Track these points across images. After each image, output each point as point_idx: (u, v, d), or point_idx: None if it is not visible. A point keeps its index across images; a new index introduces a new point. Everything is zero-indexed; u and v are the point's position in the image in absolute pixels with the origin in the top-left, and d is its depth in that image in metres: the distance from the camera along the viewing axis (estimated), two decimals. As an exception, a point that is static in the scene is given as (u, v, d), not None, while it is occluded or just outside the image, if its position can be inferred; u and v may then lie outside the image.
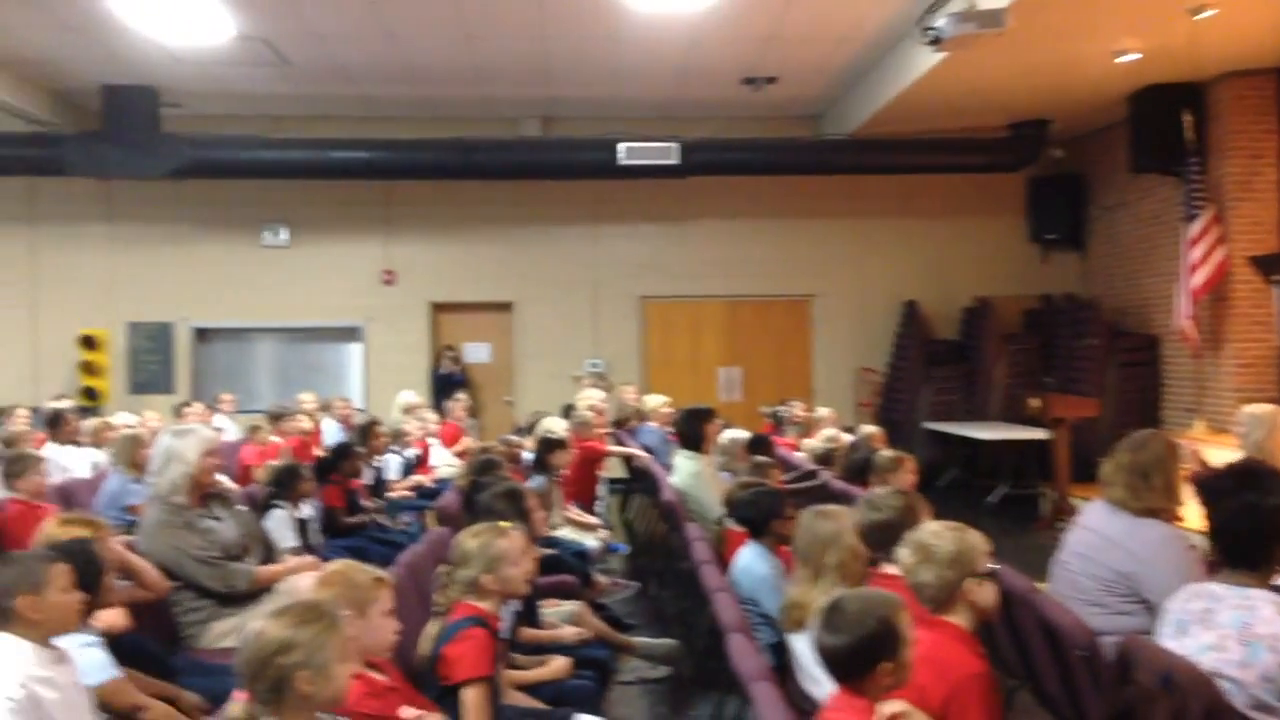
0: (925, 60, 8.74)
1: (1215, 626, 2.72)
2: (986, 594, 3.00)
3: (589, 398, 9.23)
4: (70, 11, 8.58)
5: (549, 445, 6.64)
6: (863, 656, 2.56)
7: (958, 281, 12.53)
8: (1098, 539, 3.82)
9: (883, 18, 8.92)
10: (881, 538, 3.67)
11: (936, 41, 6.95)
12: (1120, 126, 10.58)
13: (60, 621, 2.84)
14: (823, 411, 9.61)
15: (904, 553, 3.07)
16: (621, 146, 11.09)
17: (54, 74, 10.38)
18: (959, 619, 2.99)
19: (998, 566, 3.10)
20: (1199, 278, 9.59)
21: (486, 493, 4.53)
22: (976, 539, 3.05)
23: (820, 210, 12.62)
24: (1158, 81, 9.70)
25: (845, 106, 11.40)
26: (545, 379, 12.19)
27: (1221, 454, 6.28)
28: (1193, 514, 4.84)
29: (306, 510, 5.81)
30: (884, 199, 12.53)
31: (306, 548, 5.49)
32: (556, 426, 7.46)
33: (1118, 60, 8.86)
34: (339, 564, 3.13)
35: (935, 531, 3.05)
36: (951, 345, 12.39)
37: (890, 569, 3.51)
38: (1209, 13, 7.56)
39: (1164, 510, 3.77)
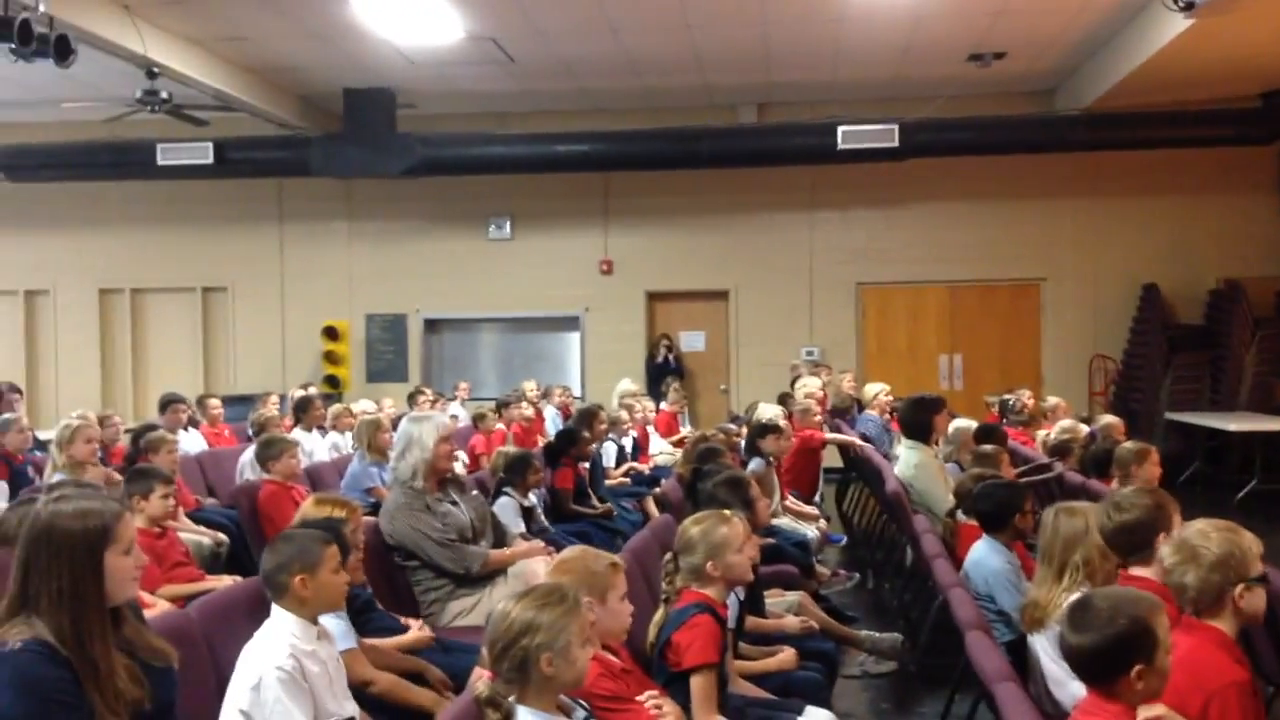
0: (1171, 27, 8.21)
1: None
2: (1256, 601, 2.80)
3: (807, 385, 9.14)
4: (315, 20, 9.13)
5: (763, 430, 6.59)
6: (1113, 657, 2.43)
7: (1202, 263, 11.74)
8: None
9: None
10: (1129, 539, 3.46)
11: (1189, 7, 6.49)
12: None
13: (329, 600, 3.01)
14: (1053, 401, 9.18)
15: (1166, 551, 2.90)
16: (841, 130, 10.91)
17: (299, 80, 11.08)
18: (1221, 624, 2.80)
19: (1269, 571, 2.89)
20: None
21: (709, 480, 4.53)
22: (1249, 541, 2.85)
23: (1048, 190, 12.05)
24: None
25: (1080, 80, 10.84)
26: (760, 367, 12.15)
27: None
28: None
29: (532, 498, 5.96)
30: (1119, 177, 11.84)
31: (534, 533, 5.64)
32: (772, 413, 7.42)
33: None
34: (576, 550, 3.19)
35: (1203, 531, 2.87)
36: (1196, 330, 11.62)
37: (1138, 571, 3.32)
38: None
39: None
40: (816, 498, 7.77)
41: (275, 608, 2.95)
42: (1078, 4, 8.93)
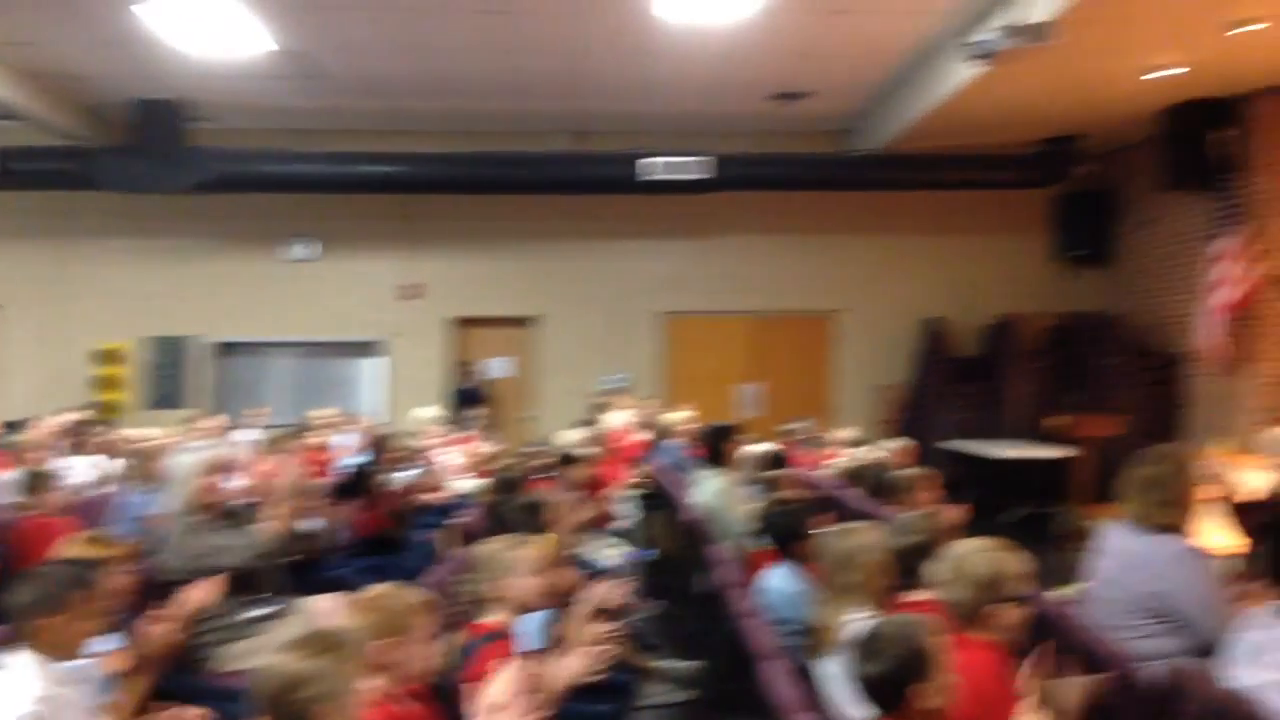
0: (960, 75, 8.68)
1: (1272, 664, 2.64)
2: (1011, 618, 2.97)
3: (619, 413, 9.18)
4: (105, 27, 8.62)
5: (566, 460, 6.58)
6: (897, 683, 2.51)
7: (981, 298, 12.44)
8: (1121, 561, 3.80)
9: (919, 32, 8.88)
10: (913, 562, 3.60)
11: (980, 56, 6.89)
12: (1151, 143, 10.47)
13: (76, 643, 2.80)
14: (843, 429, 9.52)
15: (940, 568, 3.05)
16: (646, 161, 11.06)
17: (86, 88, 10.44)
18: (989, 637, 2.96)
19: (1033, 592, 3.06)
20: (1232, 295, 9.47)
21: (508, 506, 4.47)
22: (1014, 562, 3.02)
23: (846, 226, 12.56)
24: (1191, 98, 9.61)
25: (876, 122, 11.34)
26: (567, 394, 12.14)
27: (1247, 474, 6.18)
28: (1215, 534, 4.79)
29: (308, 526, 5.71)
30: (909, 215, 12.46)
31: (312, 565, 5.41)
32: (575, 439, 7.41)
33: (1152, 76, 8.77)
34: (380, 588, 3.06)
35: (974, 550, 3.02)
36: (973, 362, 12.28)
37: (921, 594, 3.45)
38: (1246, 28, 7.47)
39: (1177, 525, 3.74)
40: (626, 520, 7.78)
41: (20, 652, 2.72)
42: (873, 49, 9.33)
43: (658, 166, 11.08)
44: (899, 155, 11.36)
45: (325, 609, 4.08)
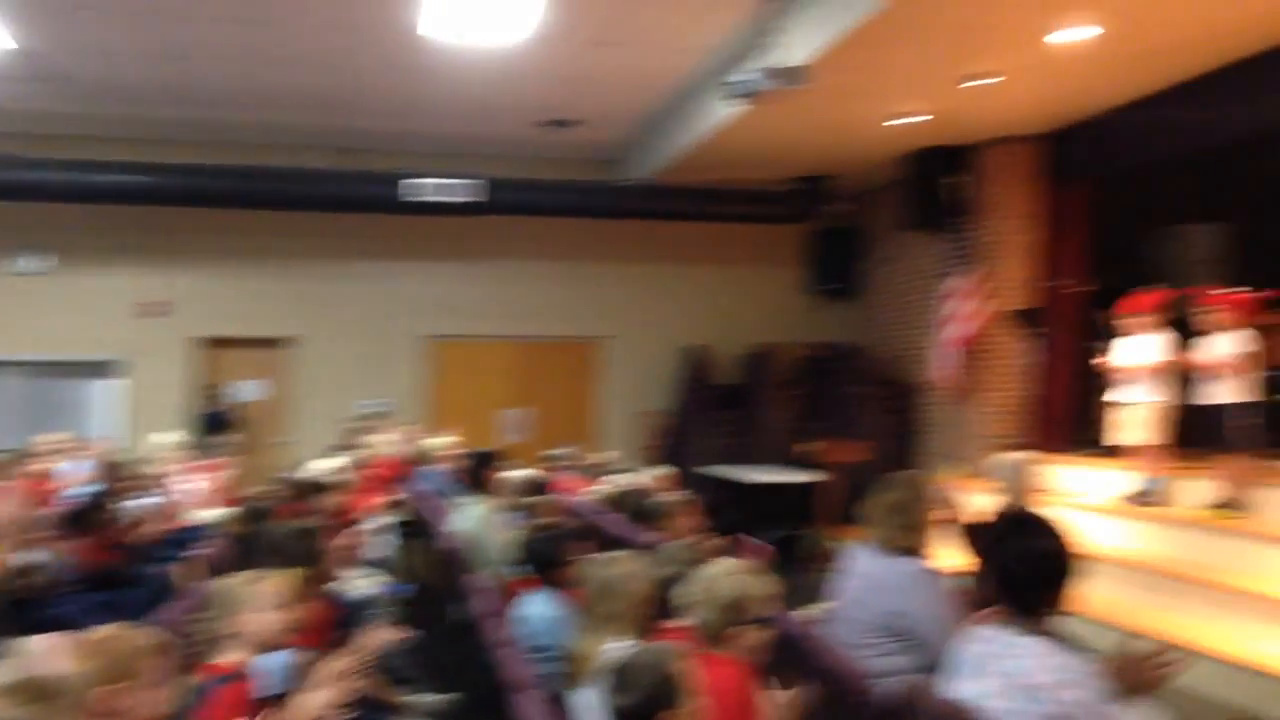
0: (722, 113, 8.94)
1: (992, 674, 2.79)
2: (756, 638, 3.08)
3: (379, 439, 8.92)
4: None
5: (317, 489, 6.32)
6: (647, 713, 2.52)
7: (740, 328, 12.84)
8: (863, 582, 3.97)
9: (684, 68, 9.10)
10: (671, 590, 3.64)
11: (740, 95, 7.13)
12: (895, 185, 11.13)
13: None
14: (605, 454, 9.61)
15: (690, 590, 3.11)
16: (412, 182, 10.87)
17: None
18: (733, 657, 3.08)
19: (776, 614, 3.16)
20: (963, 330, 10.17)
21: (273, 534, 4.24)
22: (760, 585, 3.11)
23: (614, 254, 12.73)
24: (931, 144, 10.27)
25: (644, 152, 11.56)
26: (326, 419, 11.71)
27: (976, 498, 6.62)
28: (947, 553, 5.08)
29: (30, 559, 5.24)
30: (675, 245, 12.75)
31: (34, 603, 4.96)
32: (330, 466, 7.14)
33: (896, 122, 9.32)
34: (104, 630, 2.81)
35: (721, 573, 3.11)
36: (732, 390, 12.66)
37: (676, 621, 3.49)
38: (979, 82, 8.05)
39: (917, 548, 3.95)
40: (384, 549, 7.54)
41: None
42: (642, 81, 9.50)
43: (425, 188, 10.90)
44: (665, 186, 11.62)
45: (44, 651, 3.73)
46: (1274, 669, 5.73)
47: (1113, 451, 8.25)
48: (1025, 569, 2.85)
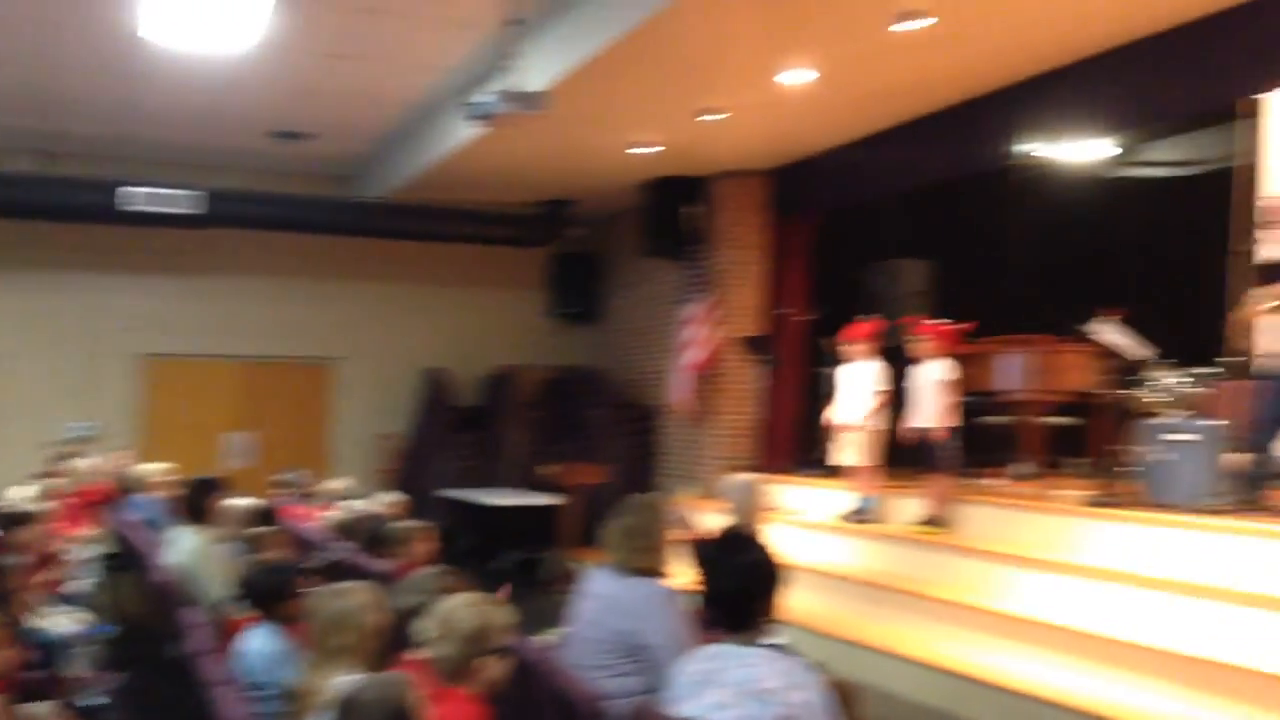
0: (462, 133, 8.87)
1: (722, 685, 2.87)
2: (496, 670, 3.05)
3: (85, 464, 8.25)
4: None
5: (13, 519, 5.77)
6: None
7: (482, 350, 12.77)
8: (600, 603, 4.00)
9: (422, 86, 8.98)
10: (407, 622, 3.54)
11: (479, 117, 7.10)
12: (634, 213, 11.39)
13: None
14: (338, 480, 9.28)
15: (427, 626, 3.05)
16: (127, 190, 10.16)
17: None
18: (472, 690, 3.03)
19: (514, 643, 3.14)
20: (697, 355, 10.51)
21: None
22: (498, 615, 3.10)
23: (349, 272, 12.36)
24: (668, 174, 10.57)
25: (381, 169, 11.31)
26: (27, 444, 10.69)
27: (710, 518, 6.83)
28: (683, 573, 5.22)
29: None
30: (414, 265, 12.54)
31: None
32: (28, 495, 6.55)
33: (635, 151, 9.55)
34: None
35: (460, 606, 3.07)
36: (473, 412, 12.56)
37: (414, 653, 3.41)
38: (711, 116, 8.36)
39: (655, 569, 4.02)
40: (84, 585, 6.96)
41: None
42: (379, 97, 9.31)
43: (140, 196, 10.22)
44: (404, 205, 11.42)
45: None
46: (972, 672, 6.19)
47: (833, 472, 8.72)
48: (735, 583, 2.98)
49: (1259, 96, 7.77)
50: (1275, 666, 4.98)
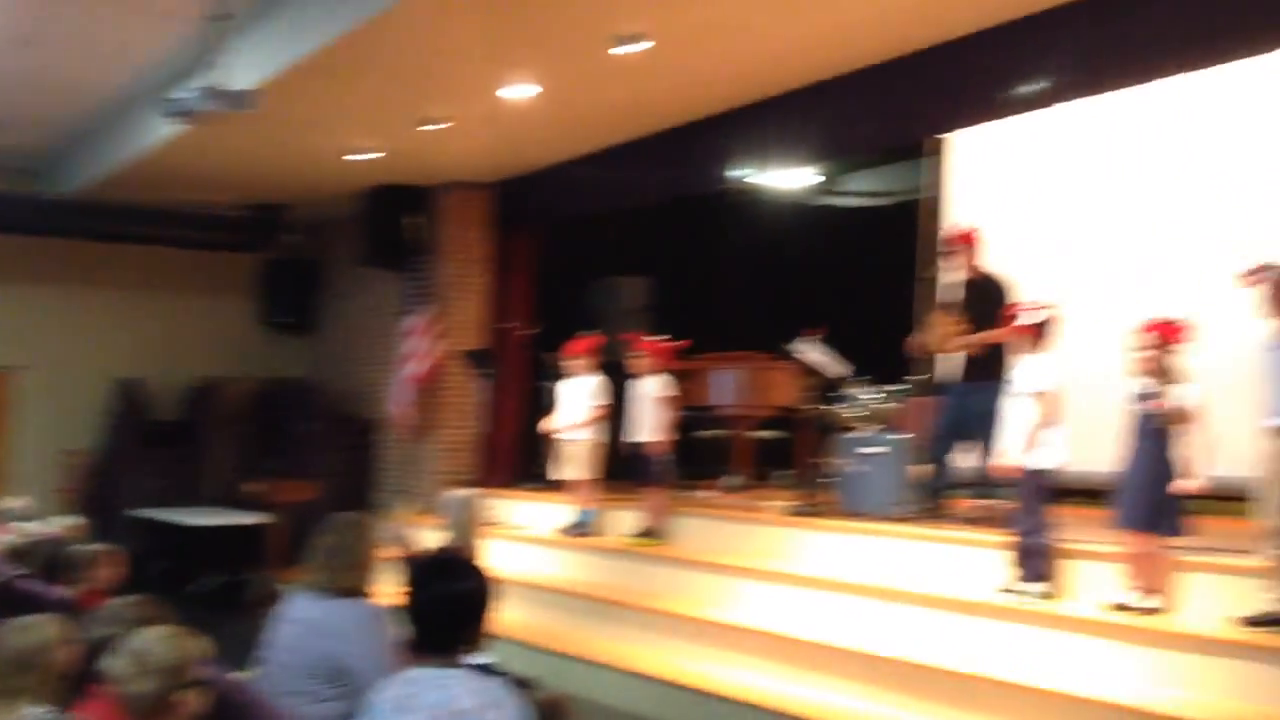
0: (162, 130, 8.31)
1: (416, 710, 2.81)
2: (195, 704, 2.94)
3: None
4: None
5: None
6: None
7: (185, 360, 12.04)
8: (300, 627, 3.86)
9: (120, 77, 8.41)
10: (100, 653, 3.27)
11: (180, 114, 6.66)
12: (354, 220, 11.05)
13: None
14: (13, 500, 8.45)
15: (119, 662, 2.88)
16: None
17: None
18: None
19: (211, 674, 2.99)
20: (418, 368, 10.31)
21: None
22: (194, 646, 2.97)
23: (29, 275, 11.34)
24: (389, 182, 10.34)
25: (70, 165, 10.46)
26: None
27: (428, 534, 6.72)
28: (393, 593, 5.11)
29: None
30: (106, 268, 11.67)
31: None
32: None
33: (354, 157, 9.27)
34: None
35: (155, 638, 2.91)
36: (173, 427, 11.82)
37: (110, 690, 3.16)
38: (433, 126, 8.24)
39: (360, 589, 3.91)
40: None
41: None
42: (68, 87, 8.66)
43: None
44: (96, 203, 10.65)
45: None
46: (686, 681, 6.35)
47: (554, 485, 8.76)
48: (442, 606, 2.93)
49: (943, 136, 8.48)
50: (958, 664, 5.38)
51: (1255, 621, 4.70)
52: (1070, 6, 5.89)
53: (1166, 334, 5.07)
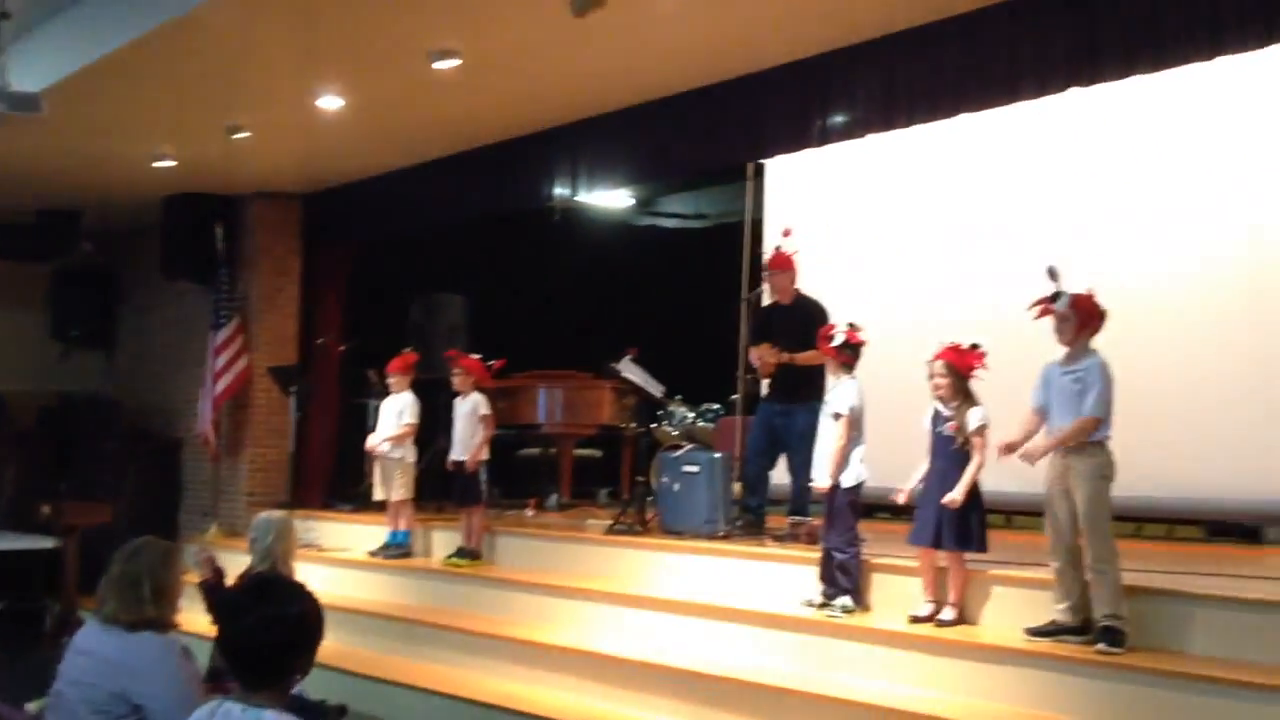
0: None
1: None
2: None
3: None
4: None
5: None
6: None
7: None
8: (90, 660, 3.61)
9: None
10: None
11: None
12: (158, 230, 10.53)
13: None
14: None
15: None
16: None
17: None
18: None
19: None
20: (222, 384, 9.89)
21: None
22: None
23: None
24: (193, 190, 9.92)
25: None
26: None
27: (235, 558, 6.44)
28: (199, 623, 4.87)
29: None
30: None
31: None
32: None
33: (160, 165, 8.85)
34: None
35: None
36: (-44, 445, 10.98)
37: None
38: (238, 135, 7.94)
39: (159, 620, 3.69)
40: None
41: None
42: None
43: None
44: None
45: None
46: (501, 701, 6.26)
47: (371, 506, 8.53)
48: (255, 636, 2.76)
49: (763, 161, 8.69)
50: (770, 679, 5.46)
51: (1039, 632, 4.96)
52: (878, 42, 6.14)
53: (960, 359, 5.31)
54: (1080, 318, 4.86)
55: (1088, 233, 7.08)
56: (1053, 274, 4.87)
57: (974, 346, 5.34)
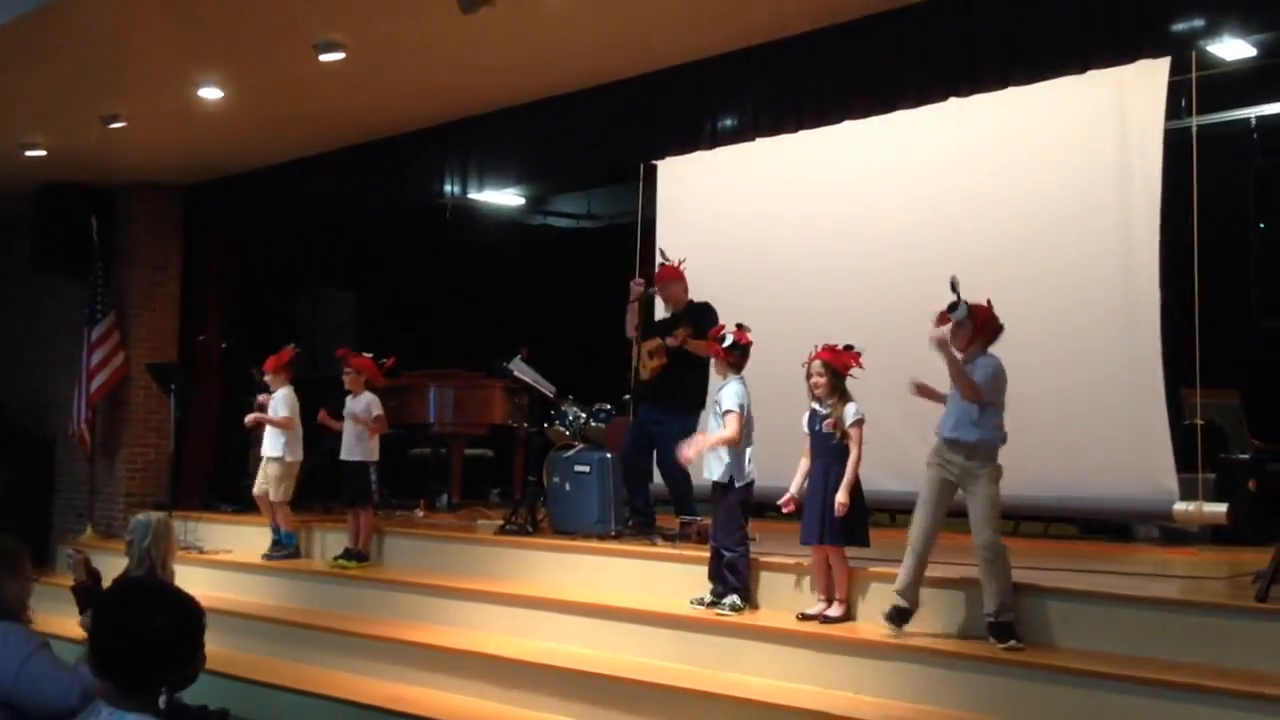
0: None
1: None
2: None
3: None
4: None
5: None
6: None
7: None
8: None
9: None
10: None
11: None
12: (28, 221, 10.11)
13: None
14: None
15: None
16: None
17: None
18: None
19: None
20: (97, 382, 9.57)
21: None
22: None
23: None
24: (70, 181, 9.56)
25: None
26: None
27: (113, 560, 6.23)
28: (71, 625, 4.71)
29: None
30: None
31: None
32: None
33: (30, 154, 8.51)
34: None
35: None
36: None
37: None
38: (113, 124, 7.69)
39: (14, 618, 3.57)
40: None
41: None
42: None
43: None
44: None
45: None
46: (387, 704, 6.17)
47: (254, 506, 8.34)
48: (120, 649, 2.67)
49: (655, 162, 8.71)
50: (660, 677, 5.49)
51: (888, 618, 5.11)
52: (767, 47, 6.23)
53: (837, 359, 5.44)
54: (975, 326, 5.04)
55: (962, 239, 7.23)
56: (954, 284, 5.01)
57: (849, 348, 5.47)
